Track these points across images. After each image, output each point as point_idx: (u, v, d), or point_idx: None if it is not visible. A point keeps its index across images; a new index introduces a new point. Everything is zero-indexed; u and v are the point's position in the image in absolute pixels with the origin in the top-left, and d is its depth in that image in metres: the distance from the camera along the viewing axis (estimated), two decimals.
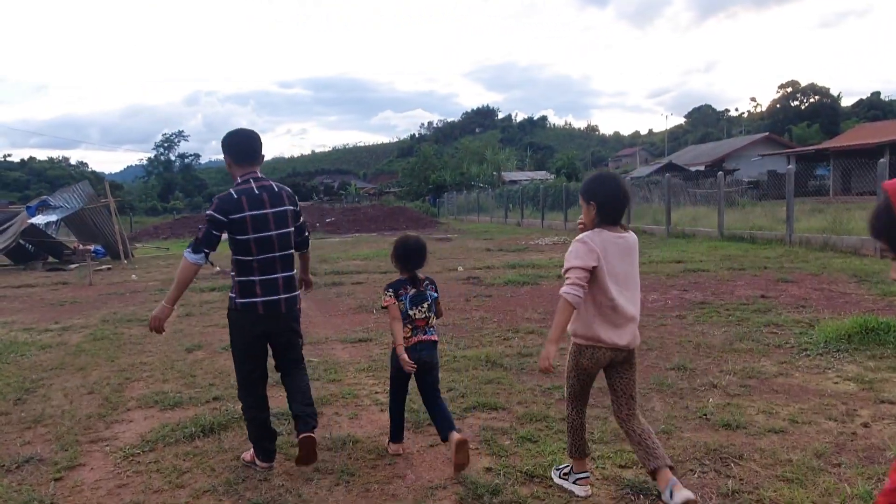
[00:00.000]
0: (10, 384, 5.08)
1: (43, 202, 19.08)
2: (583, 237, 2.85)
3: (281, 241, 3.28)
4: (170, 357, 5.91)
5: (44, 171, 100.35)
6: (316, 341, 6.49)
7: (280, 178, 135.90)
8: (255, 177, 3.30)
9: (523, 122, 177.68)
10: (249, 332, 3.30)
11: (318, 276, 11.46)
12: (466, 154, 69.45)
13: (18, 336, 7.19)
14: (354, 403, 4.43)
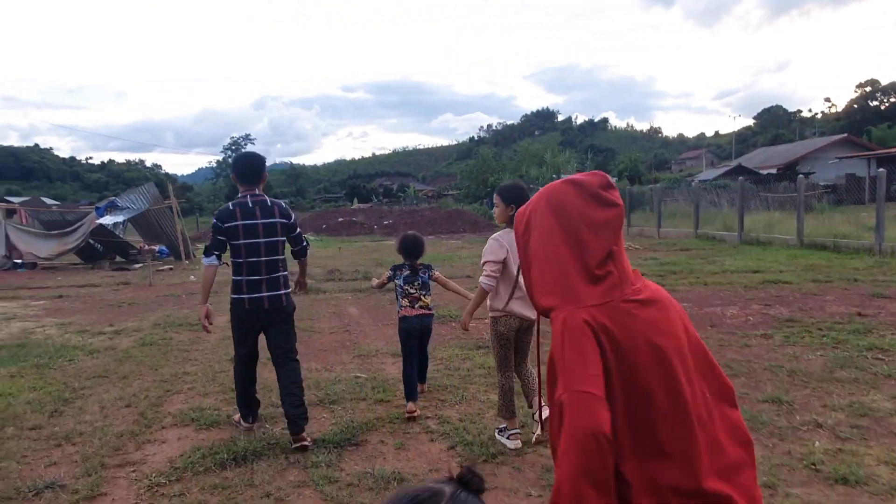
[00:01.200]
0: (51, 393, 4.91)
1: (111, 203, 19.62)
2: (495, 236, 3.71)
3: (268, 248, 3.86)
4: (212, 368, 5.66)
5: (121, 173, 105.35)
6: (365, 353, 6.12)
7: (341, 179, 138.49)
8: (253, 193, 3.90)
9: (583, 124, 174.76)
10: (239, 322, 3.97)
11: (370, 279, 11.19)
12: (525, 157, 68.47)
13: (72, 339, 7.13)
14: (402, 430, 4.01)
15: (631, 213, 25.13)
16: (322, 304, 9.36)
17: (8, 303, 10.30)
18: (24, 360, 6.03)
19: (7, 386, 5.09)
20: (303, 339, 6.86)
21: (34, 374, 5.52)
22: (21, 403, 4.64)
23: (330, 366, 5.69)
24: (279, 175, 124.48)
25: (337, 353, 6.20)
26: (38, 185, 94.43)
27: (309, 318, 8.12)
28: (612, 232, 1.39)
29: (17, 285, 12.83)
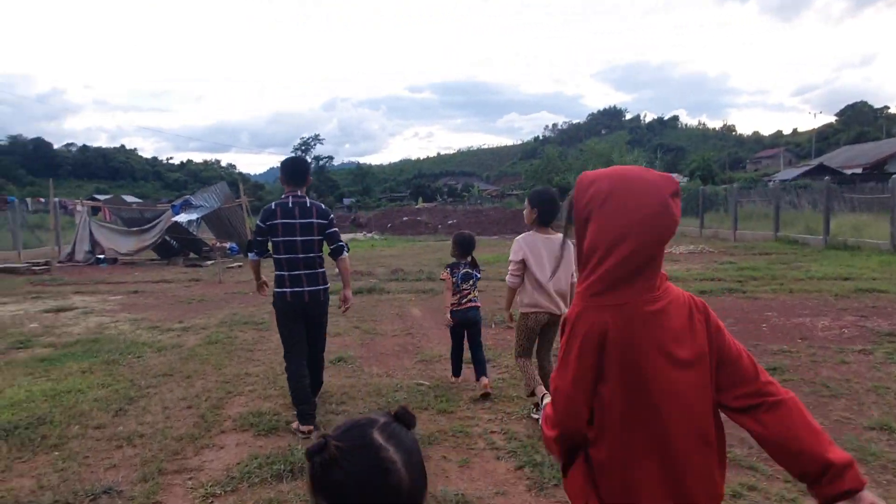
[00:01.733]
0: (117, 391, 4.95)
1: (186, 201, 20.28)
2: (517, 238, 4.11)
3: (304, 246, 4.17)
4: (274, 370, 5.59)
5: (199, 172, 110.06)
6: (428, 359, 5.93)
7: (406, 179, 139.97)
8: (295, 194, 4.23)
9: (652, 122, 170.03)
10: (283, 315, 4.24)
11: (434, 280, 11.02)
12: (592, 156, 67.16)
13: (142, 335, 7.27)
14: (466, 445, 3.78)
15: (704, 213, 24.07)
16: (385, 304, 9.26)
17: (89, 297, 10.72)
18: (96, 355, 6.16)
19: (78, 382, 5.18)
20: (365, 341, 6.76)
21: (104, 370, 5.61)
22: (89, 400, 4.69)
23: (392, 371, 5.52)
24: (346, 175, 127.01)
25: (399, 358, 6.04)
26: (124, 184, 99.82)
27: (372, 320, 8.02)
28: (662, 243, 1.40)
29: (98, 280, 13.39)
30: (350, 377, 5.34)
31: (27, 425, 4.13)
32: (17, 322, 8.32)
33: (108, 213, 22.68)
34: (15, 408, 4.52)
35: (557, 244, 3.86)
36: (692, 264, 13.59)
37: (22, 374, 5.54)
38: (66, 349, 6.51)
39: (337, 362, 5.82)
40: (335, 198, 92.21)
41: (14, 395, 4.85)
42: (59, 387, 5.04)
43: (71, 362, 5.90)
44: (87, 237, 18.09)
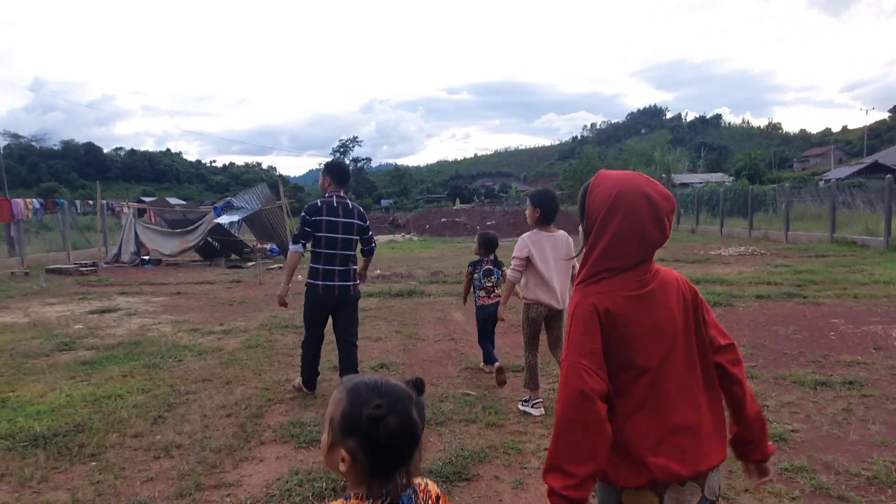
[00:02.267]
0: (157, 396, 4.84)
1: (227, 203, 20.49)
2: (522, 237, 4.30)
3: (343, 243, 4.51)
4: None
5: (240, 174, 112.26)
6: (473, 366, 5.68)
7: (443, 180, 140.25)
8: (339, 194, 4.58)
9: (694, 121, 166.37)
10: (311, 305, 4.61)
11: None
12: (632, 155, 66.05)
13: (183, 338, 7.21)
14: (518, 463, 3.51)
15: (754, 214, 23.22)
16: (426, 308, 9.05)
17: (133, 298, 10.81)
18: (137, 358, 6.10)
19: (118, 386, 5.10)
20: (407, 347, 6.55)
21: (144, 374, 5.53)
22: (128, 406, 4.58)
23: (436, 379, 5.29)
24: (384, 176, 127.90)
25: (442, 365, 5.80)
26: (169, 187, 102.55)
27: (413, 324, 7.81)
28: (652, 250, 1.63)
29: (143, 281, 13.56)
30: None
31: (66, 433, 4.03)
32: (63, 323, 8.39)
33: (153, 215, 23.11)
34: (55, 413, 4.45)
35: (561, 240, 4.32)
36: (743, 267, 13.02)
37: (64, 377, 5.50)
38: (108, 352, 6.48)
39: (379, 368, 5.62)
40: (373, 199, 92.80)
41: (55, 399, 4.79)
42: (100, 391, 4.96)
43: (112, 366, 5.84)
44: (132, 239, 18.41)
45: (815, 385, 4.76)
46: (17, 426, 4.17)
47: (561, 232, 4.37)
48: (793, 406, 4.36)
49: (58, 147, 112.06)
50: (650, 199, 1.58)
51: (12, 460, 3.66)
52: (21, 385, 5.27)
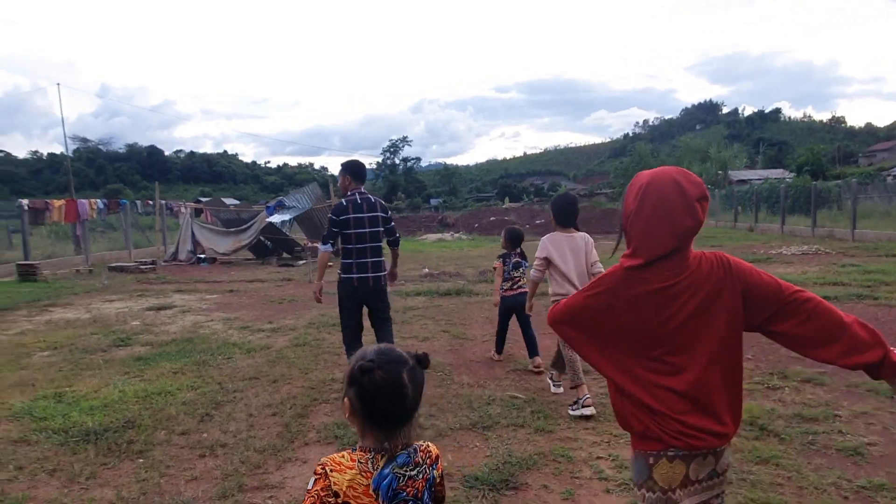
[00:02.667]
0: (205, 394, 4.88)
1: (279, 202, 20.85)
2: (543, 238, 4.58)
3: (372, 236, 4.72)
4: None
5: (294, 175, 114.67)
6: (522, 368, 5.52)
7: (492, 179, 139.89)
8: (360, 191, 4.79)
9: (752, 115, 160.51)
10: (347, 297, 4.79)
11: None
12: (687, 152, 64.24)
13: (233, 335, 7.30)
14: (570, 473, 3.34)
15: (816, 211, 22.15)
16: (475, 307, 8.92)
17: (188, 296, 11.07)
18: (188, 355, 6.19)
19: (168, 383, 5.16)
20: (454, 346, 6.44)
21: (194, 371, 5.59)
22: (177, 403, 4.62)
23: (483, 381, 5.16)
24: (433, 175, 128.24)
25: (490, 367, 5.66)
26: (226, 187, 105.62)
27: (461, 324, 7.69)
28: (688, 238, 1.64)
29: (198, 279, 13.90)
30: (439, 386, 5.02)
31: (116, 428, 4.09)
32: (121, 319, 8.63)
33: (209, 214, 23.76)
34: (108, 409, 4.52)
35: (580, 241, 4.53)
36: (807, 266, 12.37)
37: (118, 372, 5.61)
38: (162, 348, 6.61)
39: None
40: (422, 198, 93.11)
41: (108, 395, 4.88)
42: (151, 388, 5.03)
43: (164, 362, 5.94)
44: (189, 237, 18.94)
45: (892, 394, 4.41)
46: (71, 421, 4.25)
47: (580, 233, 4.60)
48: (868, 417, 4.04)
49: (123, 150, 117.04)
50: (679, 184, 1.61)
51: (64, 455, 3.72)
52: (78, 380, 5.40)
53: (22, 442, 3.95)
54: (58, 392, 4.99)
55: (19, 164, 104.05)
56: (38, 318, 8.86)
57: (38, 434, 4.04)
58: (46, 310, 9.65)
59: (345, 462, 1.39)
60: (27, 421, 4.32)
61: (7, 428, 4.23)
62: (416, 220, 39.11)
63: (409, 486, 1.42)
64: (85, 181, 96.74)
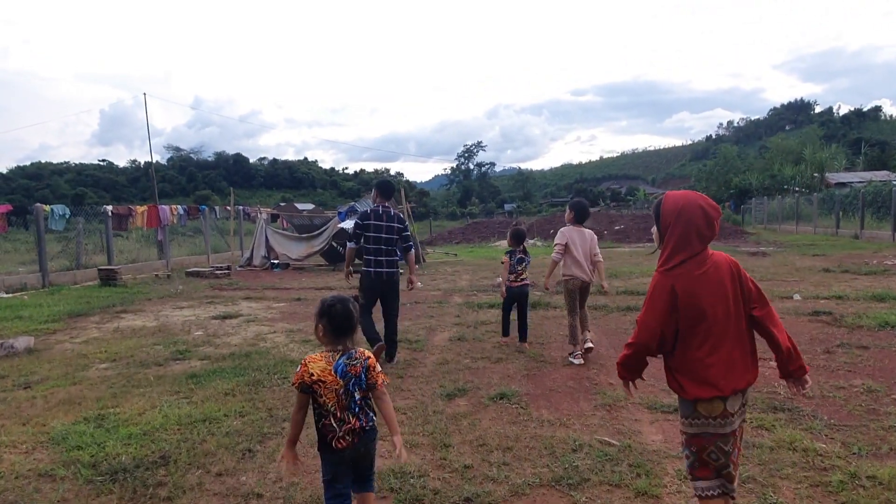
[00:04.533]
0: (253, 423, 4.38)
1: (351, 207, 20.69)
2: (561, 230, 6.21)
3: (386, 241, 5.99)
4: (426, 405, 4.74)
5: (370, 180, 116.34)
6: (612, 402, 4.71)
7: (567, 184, 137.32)
8: (383, 205, 6.05)
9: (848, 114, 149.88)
10: (367, 287, 6.08)
11: (608, 296, 9.66)
12: (779, 153, 60.41)
13: (294, 350, 6.86)
14: None
15: None
16: (552, 323, 8.14)
17: (255, 303, 10.84)
18: (243, 373, 5.76)
19: (216, 408, 4.70)
20: (531, 370, 5.71)
21: (245, 394, 5.13)
22: (220, 434, 4.14)
23: (566, 418, 4.40)
24: (507, 180, 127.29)
25: (573, 398, 4.89)
26: (305, 193, 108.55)
27: (538, 343, 6.95)
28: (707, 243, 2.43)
29: (269, 285, 13.76)
30: (514, 423, 4.31)
31: (149, 465, 3.63)
32: (186, 329, 8.41)
33: (285, 220, 23.95)
34: (146, 438, 4.10)
35: (587, 234, 6.17)
36: None
37: (168, 392, 5.23)
38: (218, 363, 6.23)
39: (498, 399, 4.83)
40: (496, 203, 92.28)
41: (151, 419, 4.47)
42: (196, 413, 4.58)
43: (217, 381, 5.52)
44: (263, 243, 19.02)
45: None
46: (105, 452, 3.84)
47: (588, 230, 6.22)
48: None
49: (211, 158, 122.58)
50: (703, 209, 2.40)
51: (88, 496, 3.28)
52: (125, 399, 5.05)
53: (47, 477, 3.55)
54: (101, 414, 4.63)
55: (119, 173, 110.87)
56: (107, 326, 8.78)
57: (65, 469, 3.64)
58: (118, 316, 9.62)
59: (317, 358, 2.55)
60: (60, 450, 3.94)
61: (38, 458, 3.86)
62: (490, 226, 38.35)
63: (352, 369, 2.54)
64: (177, 188, 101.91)
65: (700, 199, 2.41)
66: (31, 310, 10.08)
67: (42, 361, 6.55)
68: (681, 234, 2.36)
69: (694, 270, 2.36)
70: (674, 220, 2.37)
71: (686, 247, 2.37)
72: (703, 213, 2.37)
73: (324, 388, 2.49)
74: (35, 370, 6.18)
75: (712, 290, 2.36)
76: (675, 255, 2.37)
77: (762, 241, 24.11)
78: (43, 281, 13.85)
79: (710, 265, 2.38)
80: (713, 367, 2.34)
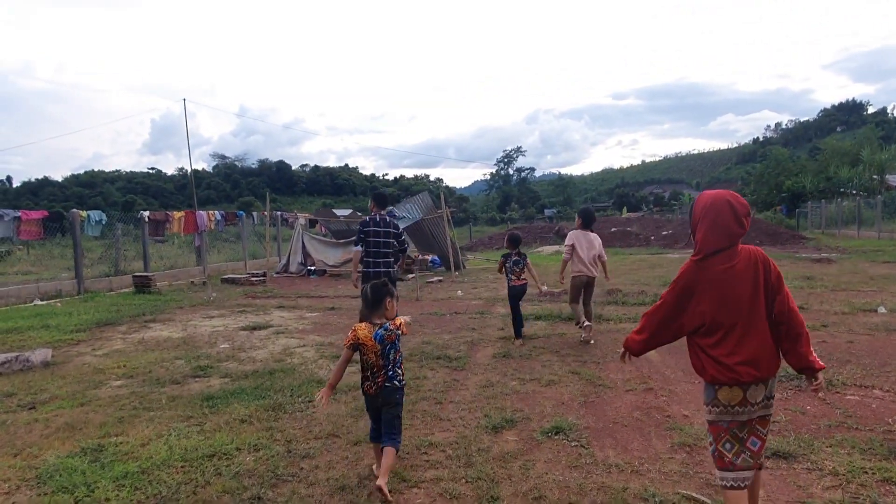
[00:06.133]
0: (267, 460, 3.76)
1: (390, 212, 20.15)
2: (570, 232, 7.35)
3: (384, 244, 6.91)
4: (468, 438, 4.05)
5: (410, 186, 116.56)
6: (692, 440, 3.93)
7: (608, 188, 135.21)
8: (380, 213, 7.03)
9: None
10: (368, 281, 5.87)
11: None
12: (834, 155, 57.66)
13: (322, 367, 6.27)
14: None
15: None
16: (606, 338, 7.35)
17: (287, 313, 10.35)
18: (264, 395, 5.18)
19: (228, 440, 4.11)
20: (589, 397, 4.96)
21: (264, 421, 4.53)
22: (228, 475, 3.54)
23: (638, 462, 3.65)
24: (547, 186, 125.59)
25: (644, 435, 4.13)
26: (346, 199, 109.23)
27: (593, 361, 6.19)
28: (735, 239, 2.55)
29: (303, 293, 13.28)
30: (575, 467, 3.59)
31: None
32: (212, 340, 7.93)
33: (322, 225, 23.60)
34: (143, 477, 3.53)
35: (593, 237, 7.30)
36: None
37: (180, 417, 4.68)
38: (239, 382, 5.67)
39: (553, 434, 4.10)
40: (536, 209, 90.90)
41: (155, 452, 3.90)
42: (206, 445, 4.00)
43: (235, 404, 4.95)
44: (300, 249, 18.64)
45: None
46: (93, 497, 3.28)
47: (593, 234, 7.32)
48: None
49: (255, 166, 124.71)
50: (731, 205, 2.53)
51: None
52: (131, 426, 4.51)
53: None
54: (100, 444, 4.09)
55: (167, 180, 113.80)
56: (133, 336, 8.37)
57: None
58: (145, 326, 9.22)
59: (363, 326, 3.37)
60: (45, 491, 3.40)
61: (17, 501, 3.32)
62: (531, 232, 37.36)
63: (388, 337, 3.33)
64: (222, 195, 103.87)
65: (729, 196, 2.57)
66: (60, 318, 9.79)
67: (56, 377, 6.11)
68: (708, 229, 2.52)
69: (722, 264, 2.52)
70: (702, 216, 2.54)
71: (713, 241, 2.52)
72: (731, 209, 2.51)
73: (366, 349, 3.35)
74: (46, 387, 5.73)
75: (738, 283, 2.51)
76: (703, 248, 2.54)
77: (823, 247, 22.63)
78: (78, 288, 13.69)
79: (738, 260, 2.53)
80: (736, 356, 2.49)
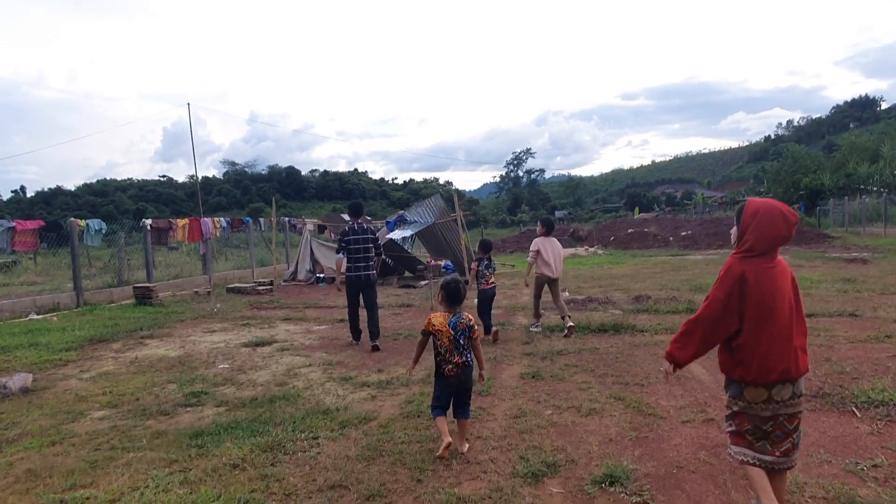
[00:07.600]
0: None
1: (400, 217, 19.46)
2: (535, 239, 8.39)
3: (364, 250, 7.73)
4: (501, 490, 3.34)
5: (419, 190, 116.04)
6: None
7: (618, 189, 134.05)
8: (357, 221, 7.84)
9: None
10: (350, 286, 7.80)
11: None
12: (852, 151, 56.43)
13: (330, 393, 5.57)
14: None
15: None
16: (644, 352, 6.60)
17: (293, 326, 9.67)
18: (262, 431, 4.47)
19: (214, 494, 3.41)
20: (640, 431, 4.19)
21: (259, 467, 3.82)
22: None
23: None
24: (557, 187, 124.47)
25: (717, 485, 3.37)
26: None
27: (636, 383, 5.45)
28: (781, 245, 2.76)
29: (311, 303, 12.61)
30: None
31: None
32: (211, 359, 7.26)
33: (331, 231, 22.94)
34: None
35: (556, 243, 8.42)
36: None
37: (162, 461, 3.99)
38: (235, 413, 4.99)
39: (607, 485, 3.37)
40: (546, 210, 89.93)
41: None
42: (187, 501, 3.31)
43: (228, 443, 4.25)
44: (308, 256, 17.98)
45: None
46: None
47: (555, 239, 8.46)
48: None
49: (265, 171, 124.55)
50: (783, 213, 2.75)
51: None
52: (104, 473, 3.83)
53: None
54: (63, 500, 3.42)
55: (178, 188, 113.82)
56: (125, 355, 7.72)
57: None
58: (141, 342, 8.58)
59: (438, 315, 4.05)
60: None
61: None
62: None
63: (460, 324, 3.99)
64: (232, 201, 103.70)
65: (779, 205, 2.78)
66: (52, 335, 9.17)
67: (32, 407, 5.45)
68: (759, 234, 2.74)
69: (765, 263, 2.75)
70: (753, 222, 2.76)
71: (765, 243, 2.75)
72: (783, 217, 2.76)
73: (441, 335, 3.99)
74: (18, 420, 5.07)
75: (778, 285, 2.74)
76: (755, 247, 2.76)
77: (852, 246, 21.69)
78: (77, 300, 13.09)
79: (777, 264, 2.78)
80: (766, 356, 2.70)
